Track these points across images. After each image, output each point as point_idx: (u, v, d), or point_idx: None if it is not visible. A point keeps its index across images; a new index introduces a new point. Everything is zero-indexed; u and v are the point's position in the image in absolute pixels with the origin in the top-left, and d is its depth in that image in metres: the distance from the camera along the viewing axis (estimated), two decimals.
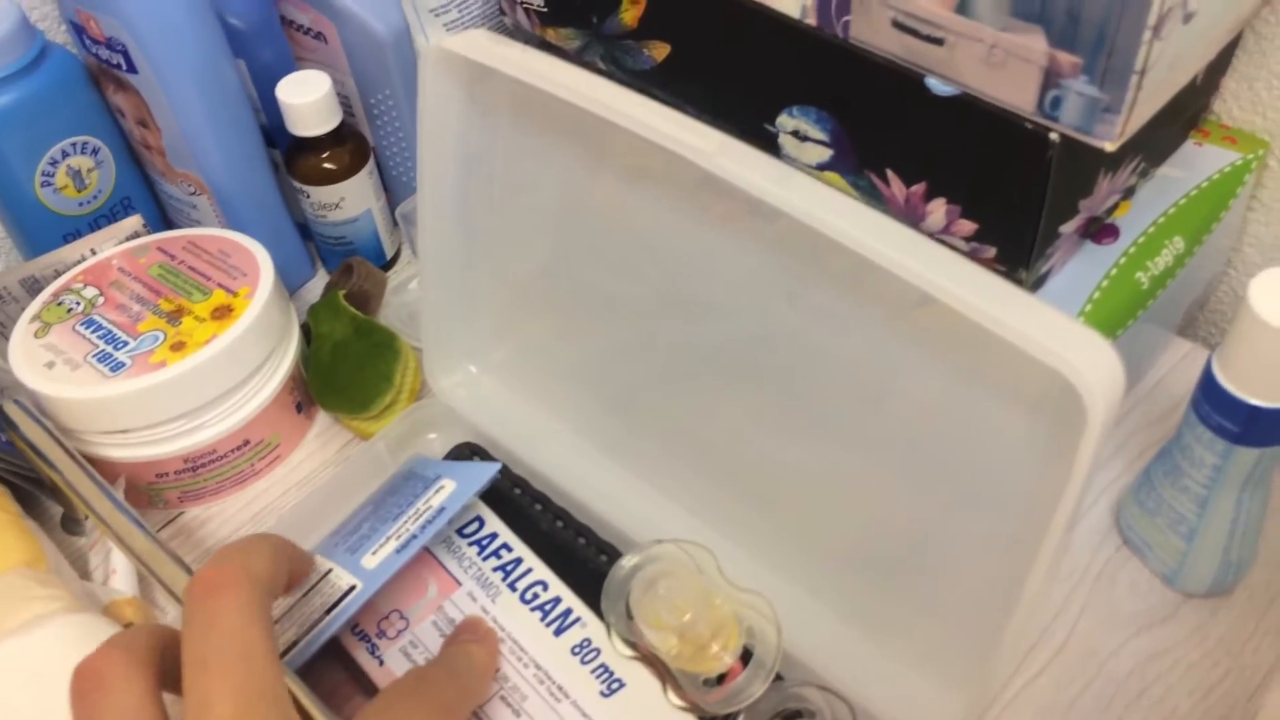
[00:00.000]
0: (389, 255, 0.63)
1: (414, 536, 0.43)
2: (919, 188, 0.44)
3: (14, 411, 0.47)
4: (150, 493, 0.51)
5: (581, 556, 0.47)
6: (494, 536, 0.47)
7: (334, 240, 0.60)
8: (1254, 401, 0.38)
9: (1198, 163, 0.50)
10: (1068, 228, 0.44)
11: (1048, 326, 0.30)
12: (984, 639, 0.37)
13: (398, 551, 0.43)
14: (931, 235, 0.45)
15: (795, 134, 0.48)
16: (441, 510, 0.44)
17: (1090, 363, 0.30)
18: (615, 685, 0.42)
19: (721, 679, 0.42)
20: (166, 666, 0.33)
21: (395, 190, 0.63)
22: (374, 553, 0.43)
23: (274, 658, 0.32)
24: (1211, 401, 0.40)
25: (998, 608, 0.36)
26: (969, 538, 0.39)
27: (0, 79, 0.51)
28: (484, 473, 0.46)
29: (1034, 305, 0.31)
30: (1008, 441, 0.36)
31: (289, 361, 0.52)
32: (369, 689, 0.44)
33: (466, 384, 0.52)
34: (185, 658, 0.32)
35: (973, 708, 0.40)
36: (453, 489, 0.45)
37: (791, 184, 0.34)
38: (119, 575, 0.47)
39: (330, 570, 0.43)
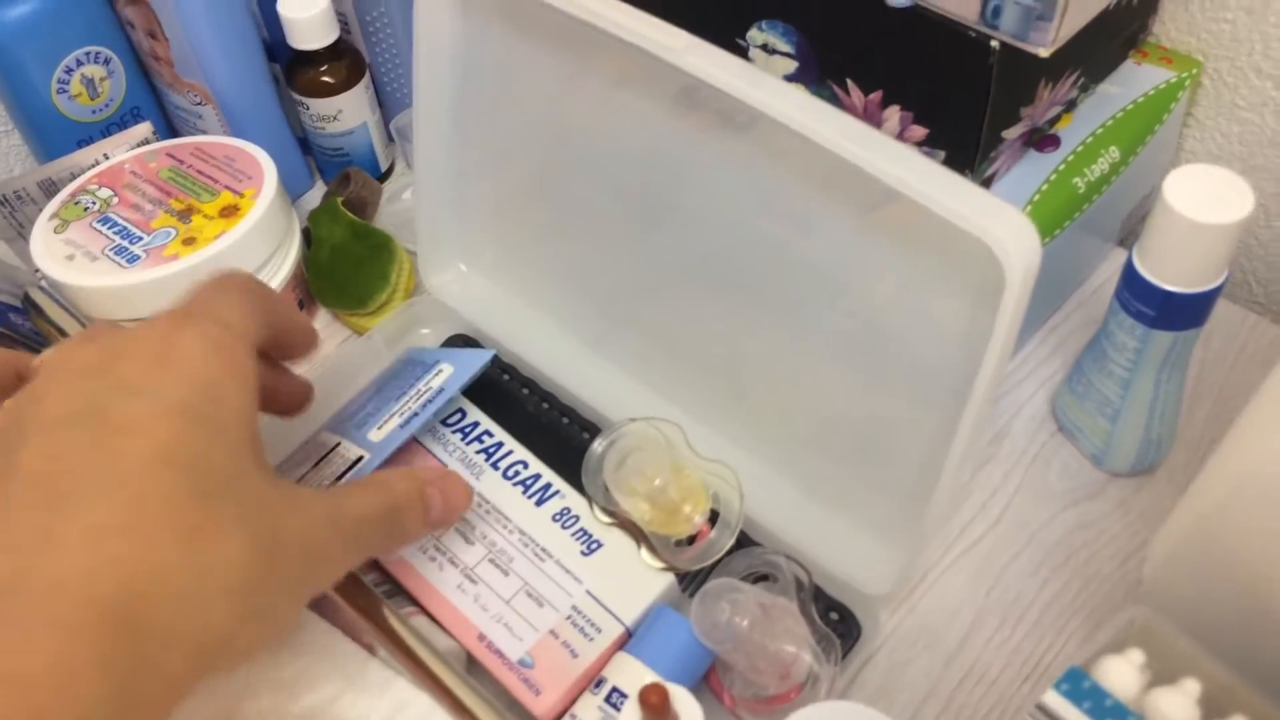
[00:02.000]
0: (384, 167, 0.66)
1: (415, 414, 0.48)
2: (875, 96, 0.48)
3: (40, 296, 0.50)
4: None
5: (565, 435, 0.51)
6: (476, 425, 0.51)
7: (332, 152, 0.64)
8: (1168, 287, 0.42)
9: (1135, 80, 0.54)
10: (1011, 134, 0.48)
11: (976, 205, 0.34)
12: (918, 504, 0.42)
13: (401, 426, 0.47)
14: None
15: (764, 47, 0.51)
16: (441, 391, 0.48)
17: (1010, 232, 0.34)
18: (594, 546, 0.46)
19: (692, 540, 0.46)
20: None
21: (390, 105, 0.66)
22: (379, 427, 0.47)
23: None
24: (1131, 289, 0.44)
25: (933, 478, 0.41)
26: (909, 414, 0.43)
27: None
28: (478, 358, 0.50)
29: (967, 188, 0.35)
30: (944, 326, 0.40)
31: (291, 261, 0.56)
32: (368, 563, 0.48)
33: (458, 281, 0.56)
34: None
35: (907, 566, 0.44)
36: (450, 372, 0.49)
37: (758, 81, 0.38)
38: None
39: (339, 443, 0.47)
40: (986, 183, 0.49)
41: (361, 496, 0.38)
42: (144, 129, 0.59)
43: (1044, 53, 0.41)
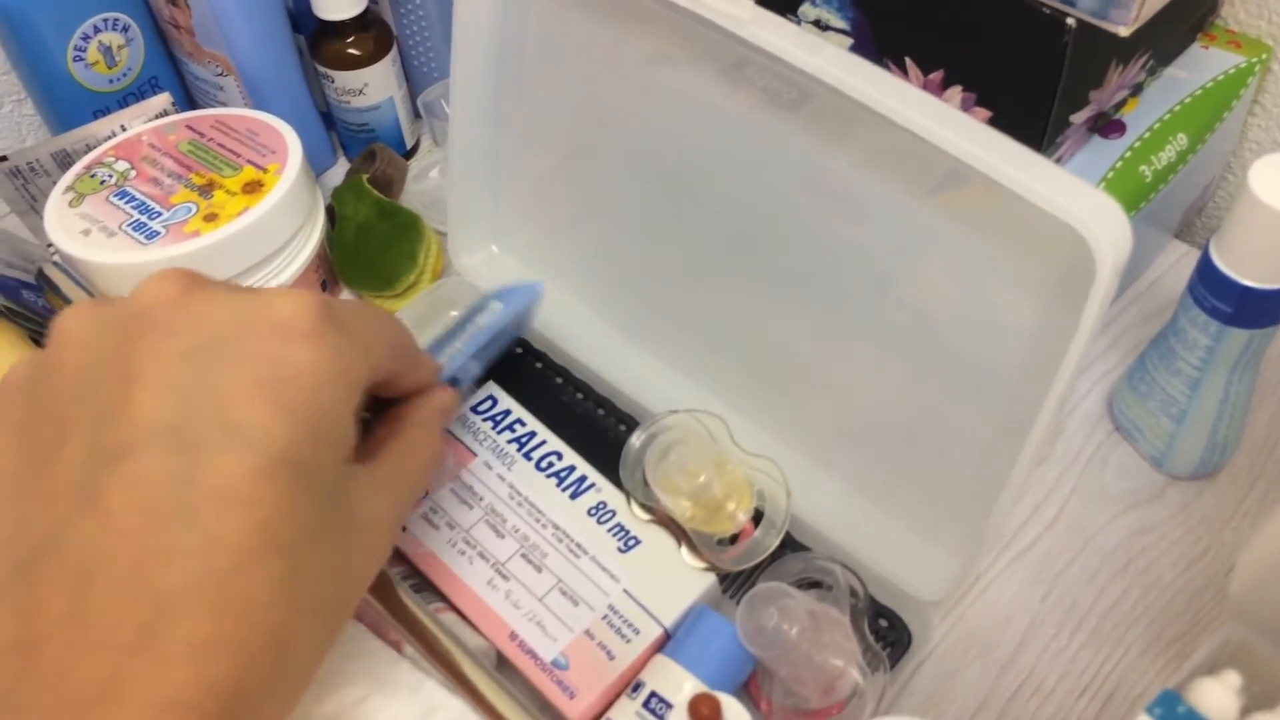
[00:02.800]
0: (409, 144, 0.64)
1: (482, 342, 0.45)
2: (936, 75, 0.46)
3: (54, 272, 0.48)
4: None
5: (601, 426, 0.49)
6: (507, 413, 0.49)
7: (356, 127, 0.62)
8: (1247, 282, 0.40)
9: (1203, 65, 0.51)
10: (1078, 118, 0.45)
11: (1064, 187, 0.32)
12: (978, 509, 0.40)
13: (472, 356, 0.44)
14: None
15: (817, 23, 0.49)
16: (490, 328, 0.46)
17: (1100, 216, 0.31)
18: (632, 543, 0.44)
19: (735, 539, 0.44)
20: None
21: (416, 80, 0.64)
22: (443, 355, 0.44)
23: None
24: (1207, 284, 0.42)
25: (993, 479, 0.39)
26: (967, 412, 0.41)
27: None
28: (528, 292, 0.48)
29: (1052, 169, 0.33)
30: (1012, 319, 0.38)
31: (315, 239, 0.54)
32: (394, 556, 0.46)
33: (489, 262, 0.54)
34: None
35: (963, 571, 0.42)
36: (500, 309, 0.47)
37: (823, 52, 0.36)
38: None
39: None
40: None
41: (410, 467, 0.35)
42: (163, 100, 0.57)
43: (1124, 32, 0.39)
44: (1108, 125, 0.49)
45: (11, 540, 0.27)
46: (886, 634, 0.43)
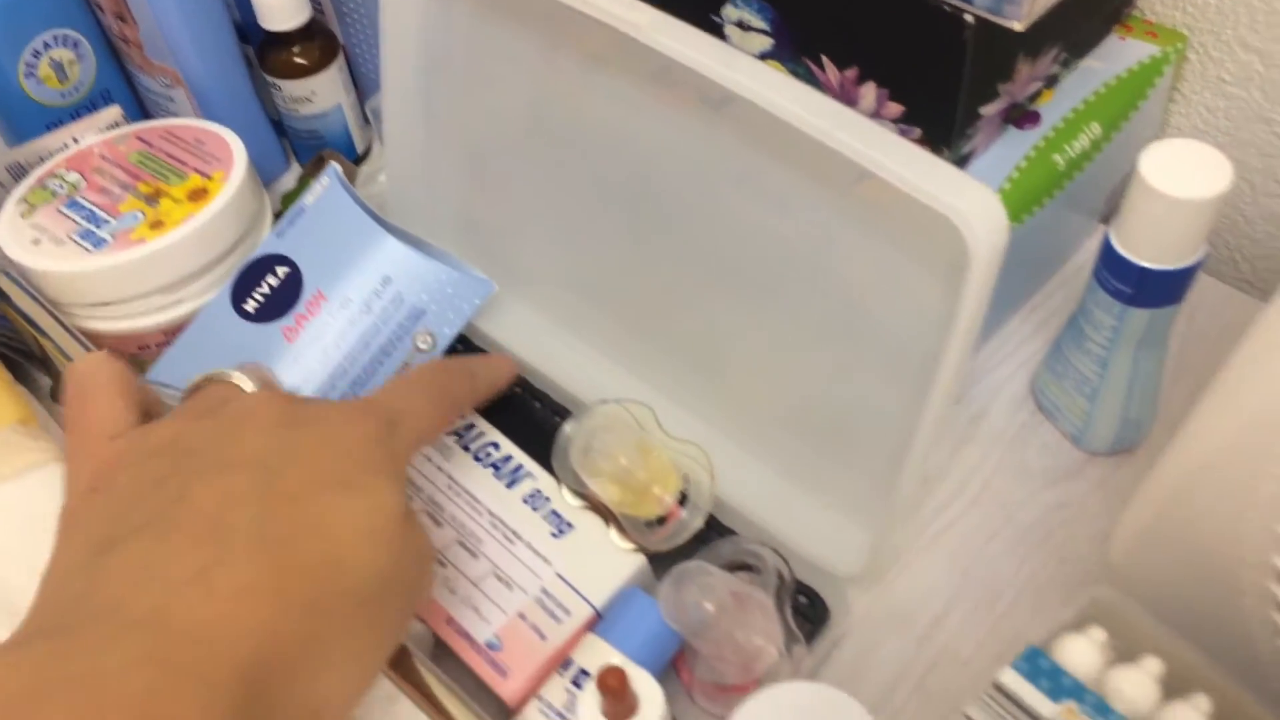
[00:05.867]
0: (360, 150, 0.66)
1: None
2: (851, 73, 0.47)
3: (6, 284, 0.50)
4: (132, 365, 0.54)
5: (539, 418, 0.50)
6: None
7: (306, 134, 0.63)
8: (1145, 264, 0.42)
9: (1119, 55, 0.53)
10: (989, 110, 0.47)
11: (941, 180, 0.34)
12: (889, 486, 0.41)
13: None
14: None
15: (739, 24, 0.50)
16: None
17: (975, 208, 0.33)
18: (565, 528, 0.46)
19: (663, 521, 0.46)
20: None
21: (365, 87, 0.65)
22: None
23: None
24: (1109, 267, 0.43)
25: (902, 457, 0.40)
26: (881, 395, 0.42)
27: None
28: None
29: (933, 164, 0.34)
30: (916, 305, 0.39)
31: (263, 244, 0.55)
32: None
33: None
34: None
35: (876, 546, 0.44)
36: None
37: (726, 57, 0.37)
38: None
39: None
40: (964, 160, 0.48)
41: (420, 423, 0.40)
42: (114, 112, 0.58)
43: (1018, 26, 0.40)
44: (1023, 116, 0.50)
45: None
46: (806, 610, 0.44)
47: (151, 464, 0.34)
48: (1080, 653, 0.30)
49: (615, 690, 0.34)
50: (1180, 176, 0.39)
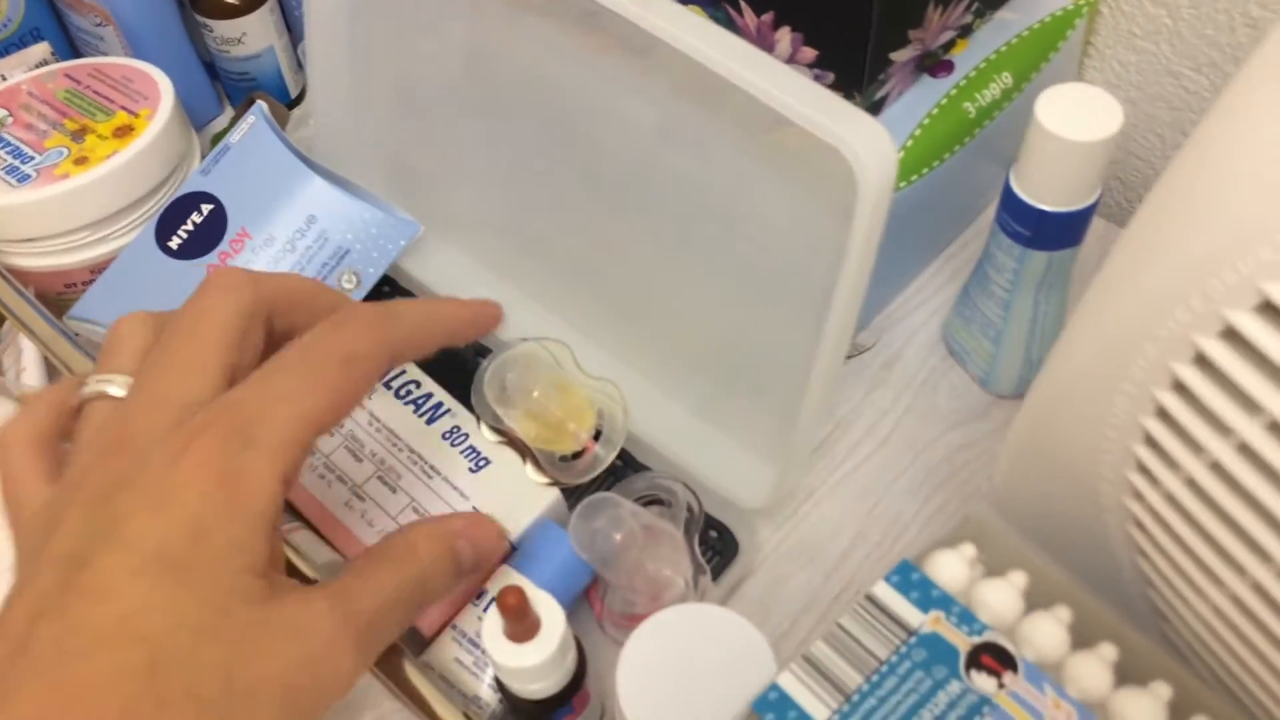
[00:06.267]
0: (293, 94, 0.66)
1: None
2: (767, 17, 0.48)
3: None
4: (60, 303, 0.55)
5: (460, 356, 0.51)
6: None
7: (238, 76, 0.63)
8: (1042, 206, 0.43)
9: (1033, 7, 0.54)
10: (900, 57, 0.48)
11: (833, 114, 0.35)
12: (793, 422, 0.43)
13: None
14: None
15: None
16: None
17: (862, 139, 0.34)
18: (482, 463, 0.47)
19: (577, 456, 0.47)
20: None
21: (298, 30, 0.65)
22: None
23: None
24: (1009, 210, 0.44)
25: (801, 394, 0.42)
26: (785, 333, 0.43)
27: None
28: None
29: (829, 101, 0.35)
30: (817, 244, 0.40)
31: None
32: None
33: None
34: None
35: (780, 480, 0.45)
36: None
37: (651, 3, 0.38)
38: (29, 371, 0.51)
39: None
40: (877, 106, 0.49)
41: (378, 579, 0.33)
42: (42, 49, 0.58)
43: None
44: (937, 65, 0.51)
45: None
46: (715, 544, 0.46)
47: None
48: (949, 566, 0.31)
49: (515, 609, 0.35)
50: (1075, 120, 0.41)
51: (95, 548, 0.29)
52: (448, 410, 0.48)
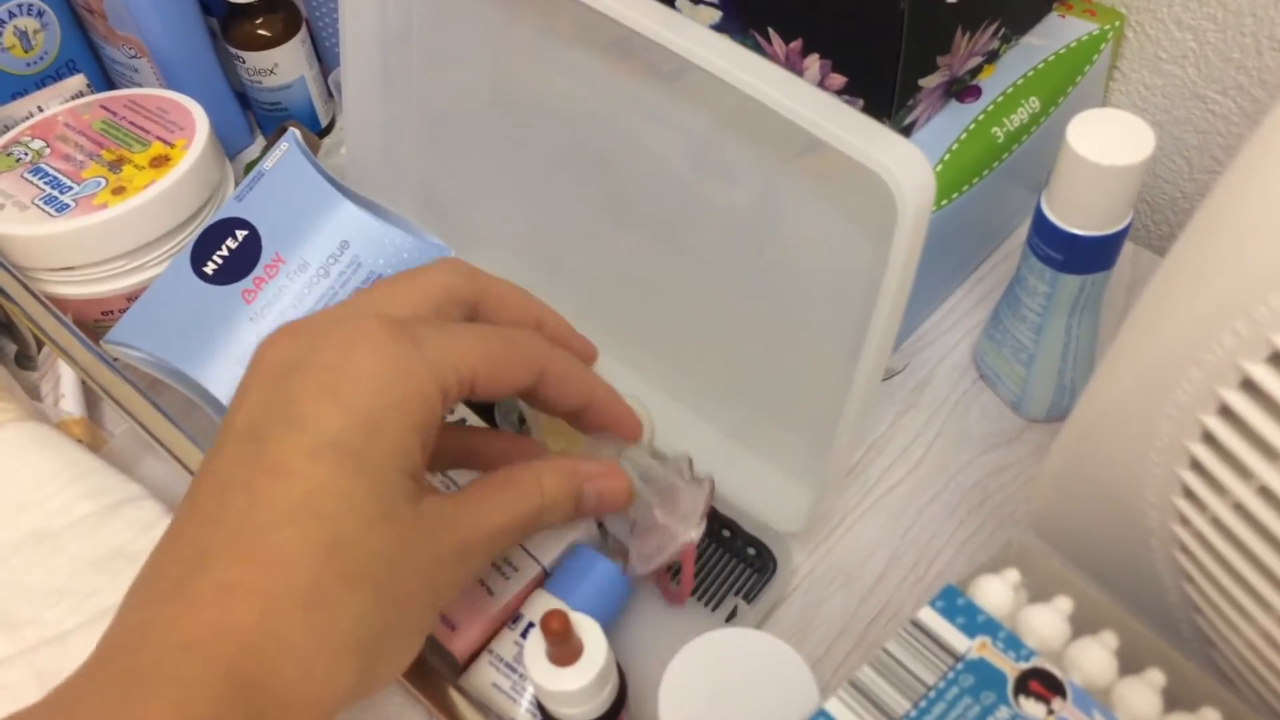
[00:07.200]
0: (324, 123, 0.67)
1: None
2: (796, 45, 0.49)
3: None
4: (97, 330, 0.55)
5: None
6: None
7: (269, 106, 0.64)
8: (1074, 231, 0.43)
9: (1059, 32, 0.54)
10: (929, 83, 0.48)
11: (870, 138, 0.35)
12: (828, 445, 0.43)
13: None
14: None
15: None
16: None
17: (901, 163, 0.34)
18: None
19: None
20: None
21: (329, 61, 0.66)
22: None
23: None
24: (1040, 234, 0.45)
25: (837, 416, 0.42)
26: (819, 356, 0.44)
27: None
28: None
29: (865, 124, 0.36)
30: (851, 267, 0.40)
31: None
32: None
33: None
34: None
35: (816, 504, 0.45)
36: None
37: (678, 26, 0.38)
38: (68, 398, 0.52)
39: None
40: (906, 131, 0.50)
41: (505, 502, 0.36)
42: (78, 81, 0.59)
43: None
44: (964, 90, 0.52)
45: None
46: (754, 561, 0.46)
47: None
48: (995, 592, 0.31)
49: (558, 633, 0.35)
50: (1106, 144, 0.41)
51: (275, 426, 0.32)
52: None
